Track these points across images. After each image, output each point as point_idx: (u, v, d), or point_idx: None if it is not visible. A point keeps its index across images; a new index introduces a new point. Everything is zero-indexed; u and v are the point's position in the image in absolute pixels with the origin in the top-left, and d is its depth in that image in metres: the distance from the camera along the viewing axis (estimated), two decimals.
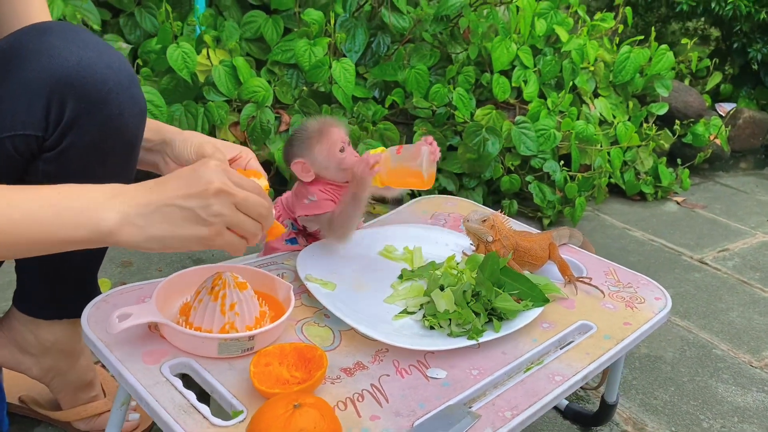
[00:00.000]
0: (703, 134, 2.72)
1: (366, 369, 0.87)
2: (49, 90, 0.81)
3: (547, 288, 1.04)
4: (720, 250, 2.20)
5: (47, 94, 0.81)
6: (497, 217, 1.09)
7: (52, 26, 0.84)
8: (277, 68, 2.14)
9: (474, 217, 1.08)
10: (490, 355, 0.92)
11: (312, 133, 1.05)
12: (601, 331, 1.00)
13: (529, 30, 2.35)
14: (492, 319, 0.96)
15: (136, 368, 0.81)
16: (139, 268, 1.69)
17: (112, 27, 2.18)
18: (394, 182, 1.05)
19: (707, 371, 1.53)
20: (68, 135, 0.84)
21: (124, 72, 0.86)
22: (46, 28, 0.84)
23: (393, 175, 1.04)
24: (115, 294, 0.95)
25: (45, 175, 0.86)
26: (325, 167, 1.05)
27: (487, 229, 1.06)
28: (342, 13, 2.23)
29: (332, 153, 1.04)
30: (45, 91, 0.81)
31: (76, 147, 0.85)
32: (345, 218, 1.04)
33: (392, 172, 1.03)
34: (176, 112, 1.92)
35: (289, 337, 0.91)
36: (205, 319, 0.86)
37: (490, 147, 2.11)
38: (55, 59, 0.81)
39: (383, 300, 1.02)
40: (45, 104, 0.81)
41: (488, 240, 1.06)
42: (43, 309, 1.02)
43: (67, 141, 0.84)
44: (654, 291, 1.13)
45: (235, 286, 0.87)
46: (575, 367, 0.91)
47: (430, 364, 0.89)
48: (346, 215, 1.04)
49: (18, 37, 0.84)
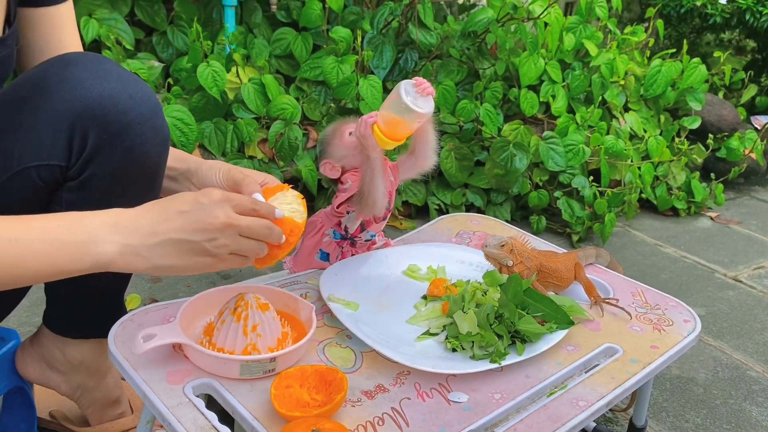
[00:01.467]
0: (738, 148, 2.67)
1: (387, 392, 0.86)
2: (72, 121, 0.83)
3: (571, 310, 1.02)
4: (755, 268, 2.14)
5: (70, 124, 0.83)
6: (515, 241, 1.08)
7: (76, 57, 0.86)
8: (306, 85, 2.16)
9: (492, 242, 1.06)
10: (512, 378, 0.91)
11: (328, 134, 1.10)
12: (627, 354, 0.98)
13: (558, 45, 2.34)
14: (515, 342, 0.95)
15: (160, 388, 0.82)
16: (169, 283, 1.72)
17: (145, 46, 2.23)
18: (395, 133, 0.99)
19: (741, 393, 1.49)
20: (90, 165, 0.85)
21: (146, 102, 0.87)
22: (71, 59, 0.86)
23: (391, 126, 0.98)
24: (141, 313, 0.96)
25: (68, 204, 0.88)
26: (344, 155, 1.08)
27: (506, 254, 1.05)
28: (370, 30, 2.24)
29: (343, 140, 1.07)
30: (68, 121, 0.83)
31: (98, 177, 0.86)
32: (368, 187, 1.04)
33: (389, 123, 0.98)
34: (206, 130, 1.95)
35: (311, 358, 0.91)
36: (228, 340, 0.87)
37: (518, 162, 2.10)
38: (78, 91, 0.83)
39: (406, 321, 1.02)
40: (68, 134, 0.83)
41: (508, 264, 1.05)
42: (70, 328, 1.04)
43: (90, 171, 0.86)
44: (683, 313, 1.11)
45: (258, 307, 0.88)
46: (600, 392, 0.90)
47: (451, 387, 0.88)
48: (369, 180, 1.04)
49: (44, 69, 0.86)
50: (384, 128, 0.99)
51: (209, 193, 0.79)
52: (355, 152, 1.07)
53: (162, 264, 0.77)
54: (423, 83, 0.96)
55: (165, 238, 0.76)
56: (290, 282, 1.10)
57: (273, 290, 0.98)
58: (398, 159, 1.12)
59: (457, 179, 2.19)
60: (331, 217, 1.13)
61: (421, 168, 1.11)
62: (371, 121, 1.00)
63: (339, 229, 1.13)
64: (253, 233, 0.80)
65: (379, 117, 1.00)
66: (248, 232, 0.79)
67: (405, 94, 0.94)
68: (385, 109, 0.98)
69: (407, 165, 1.11)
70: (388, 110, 0.97)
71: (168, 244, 0.76)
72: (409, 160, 1.11)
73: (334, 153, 1.09)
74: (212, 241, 0.77)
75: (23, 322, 1.48)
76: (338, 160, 1.09)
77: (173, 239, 0.76)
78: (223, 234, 0.77)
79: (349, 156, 1.08)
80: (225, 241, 0.78)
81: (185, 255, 0.77)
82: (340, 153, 1.08)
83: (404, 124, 0.98)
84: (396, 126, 0.98)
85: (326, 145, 1.10)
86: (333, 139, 1.09)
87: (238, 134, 1.97)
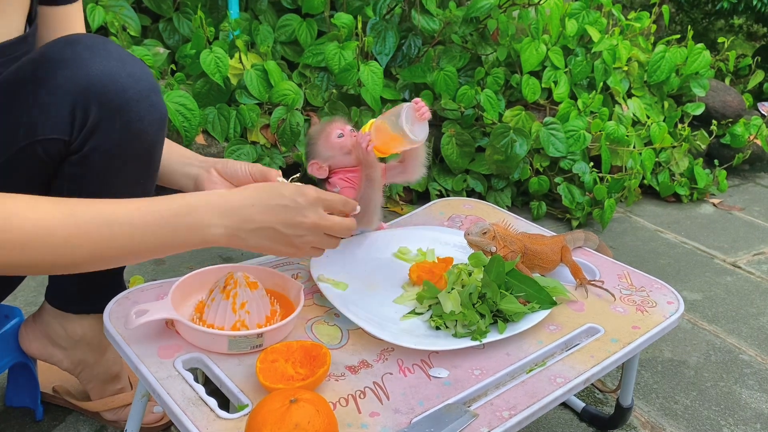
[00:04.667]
0: (742, 135, 2.66)
1: (370, 367, 0.90)
2: (74, 97, 0.87)
3: (555, 291, 1.05)
4: (755, 254, 2.15)
5: (73, 100, 0.87)
6: (498, 227, 1.10)
7: (79, 38, 0.90)
8: (308, 71, 2.18)
9: (474, 230, 1.09)
10: (493, 356, 0.94)
11: (314, 133, 1.12)
12: (608, 334, 1.01)
13: (560, 31, 2.34)
14: (498, 321, 0.97)
15: (151, 362, 0.86)
16: (171, 265, 1.76)
17: (152, 32, 2.26)
18: (390, 148, 1.04)
19: (732, 377, 1.51)
20: (91, 139, 0.90)
21: (144, 81, 0.91)
22: (74, 39, 0.90)
23: (385, 143, 1.03)
24: (136, 291, 1.00)
25: (70, 177, 0.92)
26: (331, 156, 1.10)
27: (488, 241, 1.08)
28: (372, 16, 2.26)
29: (330, 141, 1.09)
30: (71, 97, 0.87)
31: (98, 151, 0.90)
32: (366, 202, 1.07)
33: (384, 140, 1.02)
34: (209, 115, 1.98)
35: (299, 334, 0.95)
36: (218, 316, 0.90)
37: (518, 148, 2.11)
38: (80, 69, 0.87)
39: (393, 301, 1.05)
40: (71, 110, 0.87)
41: (492, 251, 1.08)
42: (72, 304, 1.08)
43: (90, 145, 0.90)
44: (667, 295, 1.13)
45: (246, 285, 0.91)
46: (578, 370, 0.92)
47: (433, 363, 0.92)
48: (366, 198, 1.08)
49: (48, 48, 0.90)
50: (377, 141, 1.04)
51: (306, 193, 0.88)
52: (347, 157, 1.09)
53: (253, 245, 0.88)
54: (422, 108, 1.01)
55: (262, 226, 0.86)
56: (282, 262, 1.13)
57: (263, 269, 1.02)
58: (387, 164, 1.14)
59: (458, 165, 2.21)
60: None
61: (408, 178, 1.15)
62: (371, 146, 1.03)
63: None
64: (336, 233, 0.92)
65: (373, 129, 1.04)
66: (331, 231, 0.91)
67: (405, 120, 0.99)
68: (383, 122, 1.02)
69: (395, 171, 1.14)
70: (385, 126, 1.01)
71: (263, 231, 0.87)
72: (397, 168, 1.14)
73: (320, 153, 1.10)
74: (300, 237, 0.89)
75: (30, 302, 1.52)
76: (325, 160, 1.10)
77: (269, 228, 0.87)
78: (311, 232, 0.89)
79: (336, 156, 1.09)
80: (311, 239, 0.90)
81: (274, 242, 0.88)
82: (327, 153, 1.10)
83: (397, 143, 1.03)
84: (389, 142, 1.03)
85: (312, 145, 1.12)
86: (319, 139, 1.10)
87: (241, 120, 2.00)
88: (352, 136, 1.09)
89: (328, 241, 0.92)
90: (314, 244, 0.91)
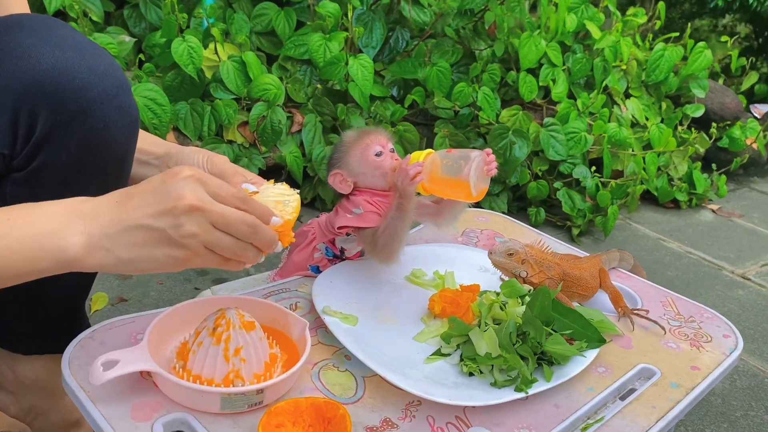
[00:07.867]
0: (740, 138, 2.56)
1: (395, 428, 0.73)
2: (17, 98, 0.68)
3: (601, 325, 0.90)
4: (763, 264, 2.04)
5: (14, 102, 0.68)
6: (532, 249, 0.94)
7: (22, 20, 0.71)
8: (290, 64, 2.00)
9: (499, 249, 0.93)
10: (540, 408, 0.78)
11: (348, 141, 0.96)
12: (666, 377, 0.86)
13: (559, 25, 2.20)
14: (541, 365, 0.82)
15: (124, 426, 0.68)
16: (140, 280, 1.56)
17: (116, 19, 2.06)
18: (438, 191, 0.92)
19: (762, 405, 1.38)
20: (41, 153, 0.71)
21: (110, 77, 0.72)
22: (15, 22, 0.70)
23: (437, 184, 0.90)
24: (103, 329, 0.82)
25: (14, 200, 0.72)
26: (361, 172, 0.94)
27: (516, 264, 0.92)
28: (359, 5, 2.08)
29: (366, 156, 0.94)
30: (12, 99, 0.67)
31: (51, 167, 0.71)
32: (390, 234, 0.91)
33: (436, 180, 0.89)
34: (181, 111, 1.79)
35: (305, 385, 0.78)
36: (206, 366, 0.72)
37: (518, 151, 1.97)
38: (24, 61, 0.68)
39: (412, 337, 0.88)
40: (11, 115, 0.68)
41: (522, 276, 0.92)
42: (21, 342, 0.89)
43: (40, 160, 0.71)
44: (721, 327, 0.99)
45: (241, 326, 0.74)
46: (641, 425, 0.78)
47: (471, 421, 0.75)
48: (392, 230, 0.91)
49: None
50: (429, 185, 0.90)
51: (178, 171, 0.64)
52: (379, 178, 0.94)
53: (125, 257, 0.63)
54: (492, 162, 0.89)
55: (127, 225, 0.63)
56: (278, 290, 0.95)
57: (258, 302, 0.84)
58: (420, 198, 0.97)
59: None
60: (325, 232, 0.99)
61: (437, 225, 1.02)
62: (419, 179, 0.88)
63: (333, 248, 1.00)
64: (230, 227, 0.65)
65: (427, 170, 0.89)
66: (222, 223, 0.64)
67: (473, 171, 0.86)
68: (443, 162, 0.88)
69: (426, 210, 1.00)
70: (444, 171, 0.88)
71: (130, 232, 0.63)
72: (430, 208, 1.00)
73: (350, 165, 0.95)
74: (178, 228, 0.63)
75: None
76: (353, 175, 0.95)
77: (135, 226, 0.63)
78: (190, 219, 0.63)
79: (368, 174, 0.94)
80: (192, 229, 0.63)
81: (151, 246, 0.64)
82: (359, 168, 0.94)
83: (450, 190, 0.90)
84: (442, 184, 0.89)
85: (342, 153, 0.96)
86: (352, 149, 0.95)
87: (216, 116, 1.81)
88: (393, 158, 0.93)
89: (225, 241, 0.65)
90: (203, 240, 0.64)
